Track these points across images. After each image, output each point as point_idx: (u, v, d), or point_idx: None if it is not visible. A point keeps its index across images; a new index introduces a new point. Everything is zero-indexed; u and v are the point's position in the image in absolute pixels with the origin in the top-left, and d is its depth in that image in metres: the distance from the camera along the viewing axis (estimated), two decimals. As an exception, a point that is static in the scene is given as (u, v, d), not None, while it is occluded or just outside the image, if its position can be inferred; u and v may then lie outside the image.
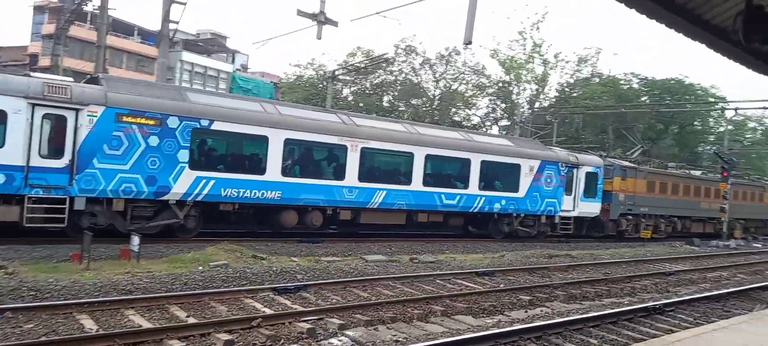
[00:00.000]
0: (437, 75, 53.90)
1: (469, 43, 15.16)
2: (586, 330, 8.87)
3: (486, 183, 19.92)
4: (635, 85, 61.60)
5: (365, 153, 17.21)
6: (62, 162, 12.86)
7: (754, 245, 27.76)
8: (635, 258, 18.45)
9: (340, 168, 16.90)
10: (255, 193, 15.36)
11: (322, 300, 9.79)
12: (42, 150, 12.66)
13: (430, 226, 19.89)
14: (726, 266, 18.32)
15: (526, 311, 10.28)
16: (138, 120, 13.62)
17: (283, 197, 15.83)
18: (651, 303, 10.67)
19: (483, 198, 19.80)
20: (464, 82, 55.42)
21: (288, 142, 15.85)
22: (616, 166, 25.09)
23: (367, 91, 54.08)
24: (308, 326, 7.88)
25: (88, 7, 19.64)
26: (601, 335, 8.65)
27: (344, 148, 16.85)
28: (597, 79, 58.25)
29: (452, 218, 20.13)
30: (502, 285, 12.22)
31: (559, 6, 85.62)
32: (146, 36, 54.73)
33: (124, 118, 13.46)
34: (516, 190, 20.77)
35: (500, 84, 55.97)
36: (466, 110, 56.87)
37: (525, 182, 20.92)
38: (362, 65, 47.17)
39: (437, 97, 54.29)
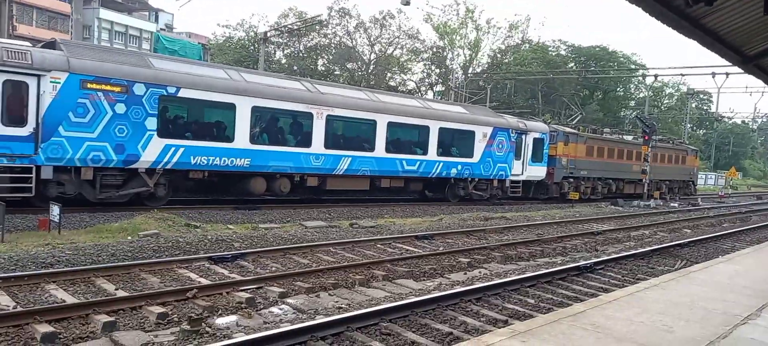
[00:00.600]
0: (372, 39, 53.42)
1: (408, 2, 15.04)
2: (523, 290, 9.08)
3: (443, 149, 20.64)
4: (563, 52, 63.68)
5: (330, 120, 17.49)
6: (26, 130, 12.53)
7: (672, 204, 29.61)
8: (565, 219, 19.19)
9: (307, 135, 17.08)
10: (224, 160, 15.41)
11: (261, 268, 9.51)
12: (4, 118, 12.26)
13: (390, 191, 20.31)
14: (647, 225, 19.41)
15: (465, 273, 10.43)
16: (103, 87, 13.35)
17: (252, 165, 15.93)
18: (582, 263, 11.08)
19: (441, 163, 20.58)
20: (399, 46, 55.31)
21: (255, 110, 15.87)
22: (560, 132, 26.28)
23: (301, 54, 52.86)
24: (247, 295, 7.61)
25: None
26: (537, 295, 8.88)
27: (310, 116, 17.06)
28: (527, 46, 59.72)
29: (412, 183, 20.65)
30: (441, 248, 12.34)
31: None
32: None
33: (89, 85, 13.17)
34: (471, 156, 21.63)
35: (434, 49, 56.28)
36: (402, 75, 56.91)
37: (479, 147, 21.82)
38: (295, 27, 45.85)
39: (372, 62, 53.89)
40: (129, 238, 11.07)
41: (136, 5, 58.15)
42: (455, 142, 21.29)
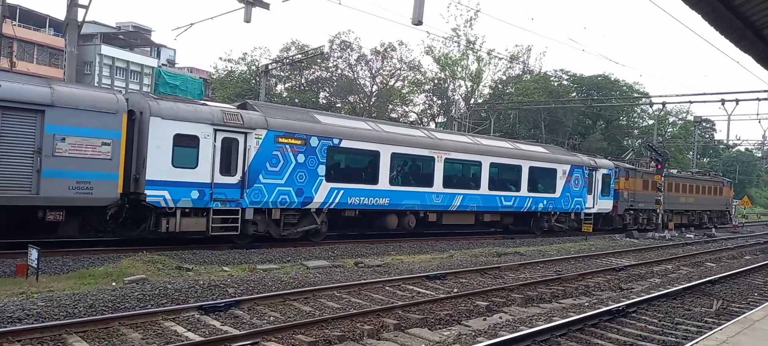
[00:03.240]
0: (374, 71, 53.03)
1: (420, 22, 14.38)
2: (553, 341, 8.06)
3: (532, 186, 22.89)
4: (565, 82, 63.25)
5: (447, 163, 19.71)
6: (236, 178, 14.74)
7: (687, 235, 28.53)
8: (582, 253, 18.15)
9: (429, 177, 19.33)
10: (371, 200, 17.75)
11: (258, 318, 8.48)
12: (221, 169, 14.42)
13: (486, 224, 22.40)
14: (668, 258, 18.34)
15: (484, 319, 9.40)
16: (290, 140, 15.75)
17: (391, 203, 18.24)
18: (613, 306, 10.04)
19: (531, 199, 22.88)
20: (401, 78, 54.88)
21: (393, 156, 18.22)
22: (622, 168, 28.85)
23: (303, 87, 52.41)
24: (241, 354, 6.60)
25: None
26: None
27: (432, 160, 19.37)
28: (528, 76, 59.30)
29: (506, 217, 22.91)
30: (455, 290, 11.32)
31: (491, 4, 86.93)
32: (59, 28, 50.60)
33: (280, 139, 15.53)
34: (554, 191, 24.03)
35: (436, 80, 55.82)
36: (403, 107, 56.37)
37: (560, 184, 24.18)
38: (297, 60, 45.45)
39: (374, 94, 53.40)
40: (113, 284, 10.08)
41: (138, 41, 57.99)
42: (541, 179, 23.50)
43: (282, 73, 51.39)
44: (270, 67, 41.76)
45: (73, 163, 12.32)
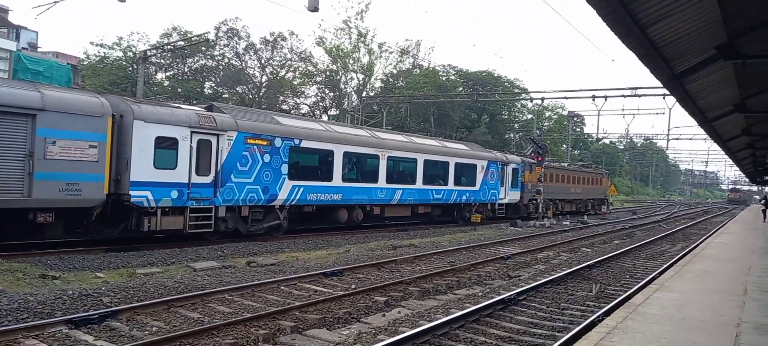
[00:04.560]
0: (263, 61, 51.43)
1: (315, 9, 13.93)
2: (452, 334, 8.09)
3: (457, 180, 24.98)
4: (452, 77, 65.54)
5: (389, 160, 21.29)
6: (209, 178, 15.35)
7: (564, 223, 30.63)
8: (472, 243, 18.74)
9: (375, 173, 20.74)
10: (327, 196, 18.88)
11: (139, 330, 7.69)
12: (197, 169, 15.00)
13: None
14: (549, 245, 19.47)
15: (383, 315, 9.27)
16: (257, 142, 16.53)
17: (343, 198, 19.47)
18: (505, 294, 10.34)
19: (456, 192, 25.10)
20: (292, 69, 53.74)
21: (345, 155, 19.45)
22: (526, 163, 31.89)
23: (186, 76, 49.56)
24: (119, 373, 5.87)
25: None
26: (468, 338, 7.92)
27: (377, 157, 20.82)
28: (418, 71, 60.71)
29: (436, 209, 24.78)
30: (353, 286, 11.10)
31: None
32: None
33: (249, 140, 16.28)
34: (474, 185, 26.30)
35: (328, 73, 55.36)
36: (295, 99, 55.31)
37: (479, 178, 26.52)
38: (179, 47, 42.82)
39: (264, 85, 51.81)
40: (-39, 298, 8.68)
41: (-8, 21, 51.54)
42: (465, 174, 25.65)
43: (163, 61, 48.23)
44: (149, 53, 38.96)
45: (63, 166, 12.53)
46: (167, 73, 50.03)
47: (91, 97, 13.73)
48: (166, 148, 14.31)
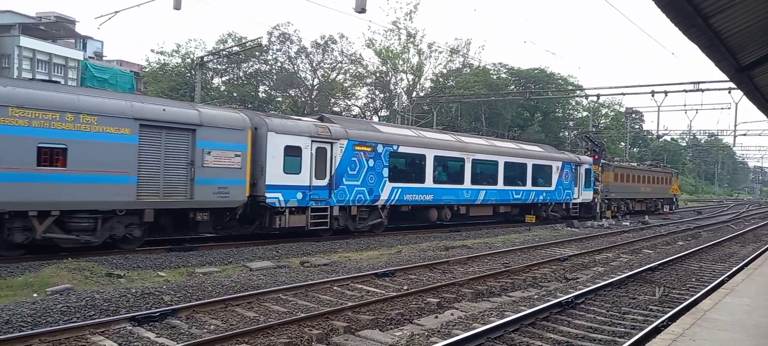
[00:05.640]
0: (314, 64, 52.14)
1: (363, 10, 14.00)
2: (506, 337, 7.91)
3: (534, 181, 26.26)
4: (504, 75, 64.49)
5: (474, 163, 22.74)
6: (325, 181, 17.30)
7: (623, 223, 29.57)
8: (527, 244, 18.33)
9: (461, 175, 22.28)
10: (420, 196, 20.56)
11: (198, 328, 7.89)
12: (317, 174, 16.99)
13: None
14: (608, 247, 18.82)
15: (436, 317, 9.16)
16: (363, 148, 18.43)
17: (434, 199, 21.13)
18: (562, 297, 10.04)
19: (534, 192, 26.36)
20: (342, 71, 54.26)
21: (435, 159, 21.10)
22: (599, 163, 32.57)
23: (241, 81, 50.86)
24: (179, 370, 6.03)
25: None
26: (524, 342, 7.72)
27: (462, 160, 22.34)
28: (468, 70, 60.06)
29: (515, 208, 26.08)
30: (405, 287, 11.04)
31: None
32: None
33: (357, 147, 18.20)
34: (550, 185, 27.55)
35: (378, 74, 55.55)
36: (346, 100, 55.80)
37: (555, 178, 27.76)
38: (234, 52, 43.98)
39: (316, 88, 52.54)
40: (34, 295, 9.18)
41: (61, 32, 54.42)
42: (541, 175, 26.81)
43: (219, 67, 49.67)
44: (206, 59, 40.25)
45: (216, 173, 14.62)
46: (223, 78, 51.50)
47: (235, 113, 16.11)
48: (292, 155, 16.37)
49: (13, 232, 11.93)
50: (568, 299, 9.90)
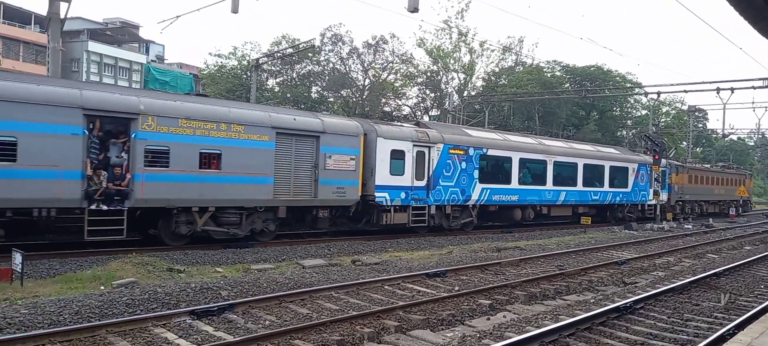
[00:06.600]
0: (366, 64, 52.46)
1: (415, 9, 14.00)
2: (561, 341, 7.73)
3: (611, 182, 26.88)
4: (558, 73, 62.91)
5: (555, 165, 23.50)
6: (424, 182, 18.70)
7: (686, 226, 28.35)
8: (582, 247, 17.85)
9: (543, 177, 23.11)
10: (506, 197, 21.55)
11: (253, 323, 8.10)
12: (417, 175, 18.42)
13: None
14: (669, 250, 18.09)
15: (488, 318, 9.07)
16: (457, 152, 19.66)
17: (519, 199, 22.09)
18: (620, 302, 9.73)
19: (611, 193, 26.99)
20: (393, 71, 54.35)
21: (520, 161, 22.01)
22: (673, 165, 33.13)
23: (294, 82, 51.78)
24: (235, 363, 6.22)
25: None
26: (580, 346, 7.53)
27: (545, 163, 23.22)
28: (521, 68, 58.91)
29: (592, 209, 26.51)
30: (457, 287, 10.98)
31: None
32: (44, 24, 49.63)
33: (451, 151, 19.47)
34: (626, 186, 28.07)
35: (428, 73, 55.32)
36: (397, 100, 55.86)
37: (631, 180, 28.27)
38: (287, 53, 44.83)
39: (367, 88, 52.87)
40: (101, 288, 9.67)
41: (126, 37, 57.02)
42: (617, 177, 27.37)
43: (273, 68, 50.74)
44: (261, 61, 41.20)
45: (335, 175, 16.23)
46: (277, 80, 52.57)
47: (350, 121, 17.78)
48: (397, 159, 17.88)
49: (179, 225, 13.86)
50: (626, 303, 9.57)
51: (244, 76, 48.69)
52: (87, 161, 12.19)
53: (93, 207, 12.29)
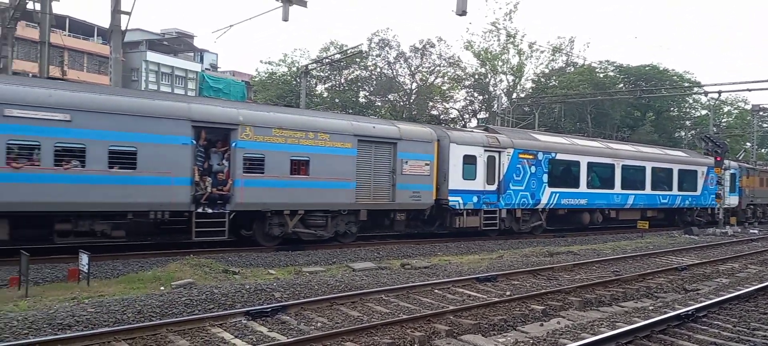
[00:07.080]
0: (413, 68, 52.50)
1: (464, 12, 13.96)
2: (620, 348, 7.49)
3: (680, 186, 26.74)
4: (611, 73, 61.11)
5: (623, 169, 23.57)
6: (494, 186, 19.13)
7: (751, 231, 27.00)
8: (639, 252, 17.26)
9: (611, 180, 23.18)
10: (575, 201, 21.79)
11: (305, 324, 8.23)
12: (487, 180, 18.94)
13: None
14: (733, 256, 17.25)
15: (541, 325, 8.89)
16: (526, 156, 19.97)
17: (588, 203, 22.25)
18: (681, 309, 9.34)
19: (680, 197, 26.87)
20: (440, 74, 54.14)
21: (589, 165, 22.19)
22: (743, 168, 32.64)
23: (342, 87, 52.37)
24: (290, 364, 6.33)
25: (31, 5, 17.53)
26: (639, 354, 7.28)
27: (613, 166, 23.28)
28: (572, 69, 57.54)
29: (661, 212, 26.61)
30: (508, 292, 10.81)
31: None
32: (106, 36, 52.02)
33: (521, 155, 19.82)
34: (695, 190, 27.87)
35: (476, 76, 54.82)
36: (444, 104, 55.61)
37: (700, 183, 28.06)
38: (336, 59, 45.40)
39: (414, 92, 52.88)
40: (161, 288, 10.05)
41: (182, 47, 59.15)
42: (686, 180, 27.19)
43: (322, 74, 51.47)
44: (310, 67, 41.88)
45: (411, 179, 16.97)
46: (326, 85, 53.30)
47: (424, 128, 18.62)
48: (469, 164, 18.40)
49: (272, 227, 14.95)
50: (688, 311, 9.19)
51: (294, 82, 49.61)
52: (195, 168, 13.20)
53: (199, 210, 13.29)
